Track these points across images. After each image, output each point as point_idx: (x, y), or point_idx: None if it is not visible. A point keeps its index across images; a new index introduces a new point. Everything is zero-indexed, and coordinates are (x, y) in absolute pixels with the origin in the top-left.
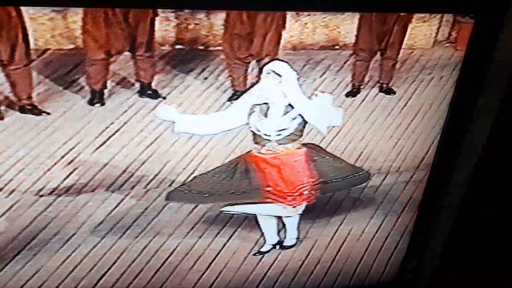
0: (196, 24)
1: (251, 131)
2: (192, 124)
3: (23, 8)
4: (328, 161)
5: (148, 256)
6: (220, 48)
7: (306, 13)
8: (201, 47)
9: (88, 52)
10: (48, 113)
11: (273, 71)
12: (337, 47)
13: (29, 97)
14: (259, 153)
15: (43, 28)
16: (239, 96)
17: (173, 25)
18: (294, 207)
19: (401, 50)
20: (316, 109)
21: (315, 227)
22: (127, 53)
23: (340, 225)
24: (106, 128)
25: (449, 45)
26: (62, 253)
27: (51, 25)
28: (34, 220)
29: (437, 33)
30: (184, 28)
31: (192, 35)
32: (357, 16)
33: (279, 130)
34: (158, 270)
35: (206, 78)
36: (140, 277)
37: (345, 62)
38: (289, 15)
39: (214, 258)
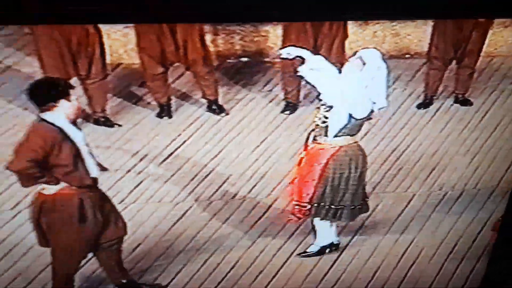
0: (263, 36)
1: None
2: (319, 67)
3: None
4: (359, 178)
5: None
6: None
7: (375, 21)
8: (267, 59)
9: (147, 68)
10: (120, 125)
11: (361, 58)
12: (408, 55)
13: (103, 110)
14: (313, 142)
15: (117, 44)
16: (292, 108)
17: (238, 38)
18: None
19: (480, 58)
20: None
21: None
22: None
23: (410, 243)
24: (173, 140)
25: None
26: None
27: (124, 40)
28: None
29: None
30: (249, 41)
31: (257, 47)
32: (430, 22)
33: (324, 118)
34: None
35: (270, 91)
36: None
37: (417, 71)
38: (357, 24)
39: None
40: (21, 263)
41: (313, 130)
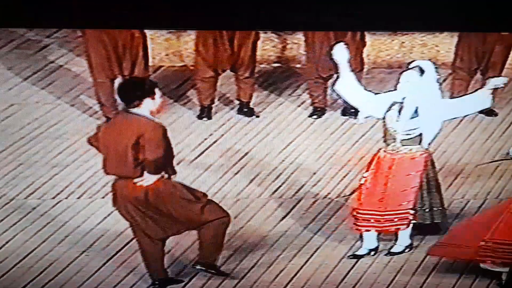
0: (295, 43)
1: (384, 127)
2: (351, 86)
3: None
4: (434, 181)
5: None
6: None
7: (404, 32)
8: (298, 65)
9: (199, 71)
10: None
11: (419, 66)
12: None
13: None
14: (384, 151)
15: (159, 47)
16: (320, 112)
17: (272, 44)
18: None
19: (504, 70)
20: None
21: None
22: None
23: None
24: (205, 139)
25: None
26: None
27: (165, 44)
28: None
29: None
30: (283, 48)
31: (290, 53)
32: (456, 34)
33: (407, 130)
34: None
35: (299, 96)
36: None
37: (444, 81)
38: (386, 34)
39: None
40: None
41: (386, 143)
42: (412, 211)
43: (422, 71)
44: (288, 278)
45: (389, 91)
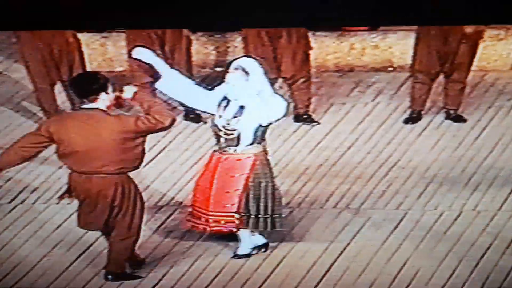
0: (235, 46)
1: (212, 125)
2: (176, 84)
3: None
4: (272, 185)
5: None
6: None
7: (352, 33)
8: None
9: (136, 76)
10: None
11: (241, 67)
12: (390, 68)
13: None
14: (215, 150)
15: (95, 52)
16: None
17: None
18: (204, 229)
19: (471, 72)
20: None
21: None
22: None
23: (404, 264)
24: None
25: None
26: None
27: (101, 49)
28: None
29: None
30: (225, 51)
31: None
32: (413, 34)
33: (228, 130)
34: None
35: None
36: None
37: (402, 85)
38: (335, 36)
39: None
40: None
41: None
42: (237, 215)
43: (247, 73)
44: None
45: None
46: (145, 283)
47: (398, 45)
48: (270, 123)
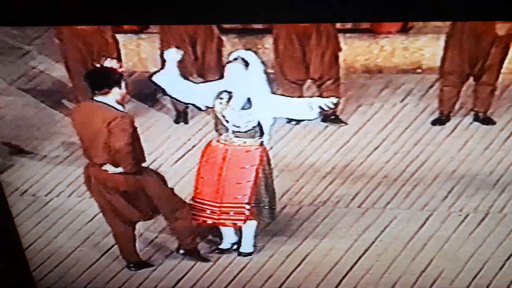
0: (266, 48)
1: (215, 116)
2: (174, 80)
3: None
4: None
5: None
6: None
7: (382, 35)
8: (271, 71)
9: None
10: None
11: (241, 58)
12: (419, 70)
13: None
14: (217, 141)
15: (131, 53)
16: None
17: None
18: (204, 222)
19: (501, 75)
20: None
21: None
22: None
23: (428, 264)
24: (184, 144)
25: None
26: None
27: (137, 50)
28: None
29: None
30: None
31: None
32: (442, 37)
33: (242, 122)
34: None
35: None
36: None
37: (431, 87)
38: (364, 38)
39: None
40: None
41: (218, 132)
42: (247, 206)
43: (246, 63)
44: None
45: (215, 80)
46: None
47: (428, 47)
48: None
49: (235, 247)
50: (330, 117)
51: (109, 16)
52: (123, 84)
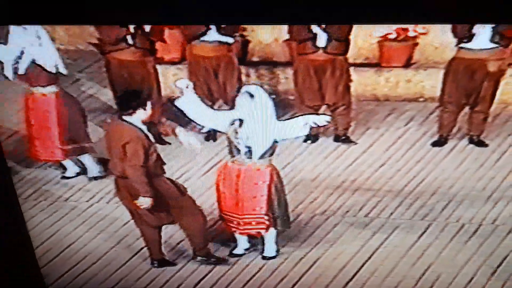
0: (287, 78)
1: (228, 141)
2: (194, 105)
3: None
4: (283, 191)
5: None
6: None
7: (389, 69)
8: (291, 97)
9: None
10: (169, 143)
11: (247, 92)
12: (421, 99)
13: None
14: (231, 162)
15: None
16: (314, 138)
17: (267, 79)
18: (240, 233)
19: (493, 104)
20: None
21: None
22: None
23: (427, 268)
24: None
25: None
26: None
27: (173, 78)
28: None
29: None
30: (277, 81)
31: (283, 87)
32: (441, 71)
33: (247, 146)
34: None
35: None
36: None
37: (431, 114)
38: (372, 71)
39: None
40: None
41: (232, 154)
42: (266, 216)
43: (251, 95)
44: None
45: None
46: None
47: (429, 80)
48: (284, 139)
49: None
50: (341, 137)
51: (108, 17)
52: (148, 106)
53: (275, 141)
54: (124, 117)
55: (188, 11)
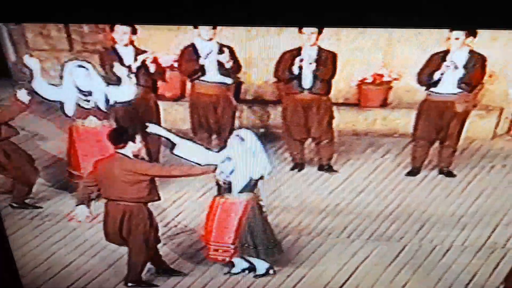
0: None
1: (216, 181)
2: (189, 150)
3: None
4: (261, 223)
5: None
6: None
7: (367, 108)
8: (279, 130)
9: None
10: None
11: (238, 136)
12: (396, 135)
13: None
14: (220, 197)
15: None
16: (300, 166)
17: (259, 114)
18: (208, 257)
19: (460, 141)
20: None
21: None
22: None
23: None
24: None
25: (510, 138)
26: None
27: (175, 113)
28: None
29: (496, 127)
30: (267, 117)
31: (273, 122)
32: (414, 111)
33: (227, 182)
34: None
35: (282, 154)
36: None
37: (405, 147)
38: (353, 110)
39: None
40: None
41: (218, 190)
42: (232, 245)
43: (242, 139)
44: None
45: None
46: None
47: (403, 118)
48: (260, 177)
49: (246, 272)
50: (325, 167)
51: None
52: (138, 139)
53: (251, 178)
54: (118, 150)
55: (179, 12)
